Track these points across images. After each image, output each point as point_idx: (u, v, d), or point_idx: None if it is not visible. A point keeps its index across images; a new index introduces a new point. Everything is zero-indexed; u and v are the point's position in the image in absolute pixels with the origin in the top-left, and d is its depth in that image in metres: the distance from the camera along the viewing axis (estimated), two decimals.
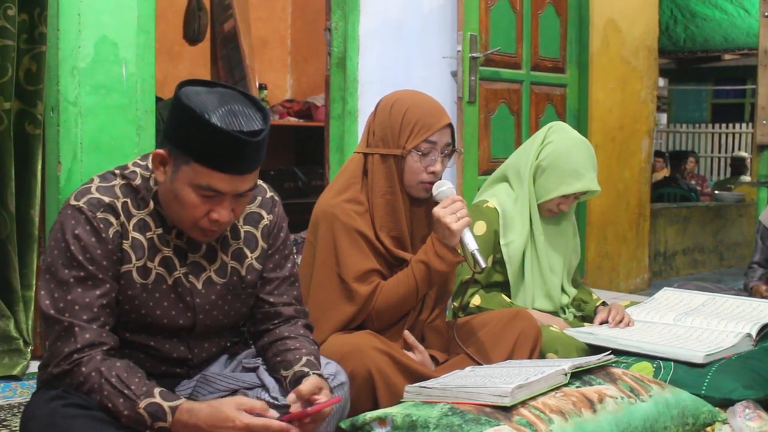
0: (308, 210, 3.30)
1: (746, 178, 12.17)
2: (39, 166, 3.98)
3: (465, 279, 3.64)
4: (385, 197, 3.19)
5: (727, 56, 14.65)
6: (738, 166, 13.21)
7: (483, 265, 3.07)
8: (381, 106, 3.28)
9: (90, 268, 2.35)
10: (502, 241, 3.75)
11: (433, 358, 3.26)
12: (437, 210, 3.10)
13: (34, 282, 4.00)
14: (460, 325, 3.36)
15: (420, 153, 3.15)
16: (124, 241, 2.41)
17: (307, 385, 2.40)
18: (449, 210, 3.08)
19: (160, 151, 2.37)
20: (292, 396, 2.38)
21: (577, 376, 2.95)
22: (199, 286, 2.53)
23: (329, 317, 3.11)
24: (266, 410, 2.30)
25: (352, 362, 2.87)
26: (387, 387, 2.93)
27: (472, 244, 3.08)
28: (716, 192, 11.25)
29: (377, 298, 3.13)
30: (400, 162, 3.18)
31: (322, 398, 2.40)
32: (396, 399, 2.90)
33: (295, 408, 2.37)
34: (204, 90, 2.36)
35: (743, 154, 13.74)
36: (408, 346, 3.20)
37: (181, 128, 2.31)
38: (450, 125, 3.22)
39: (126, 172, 2.48)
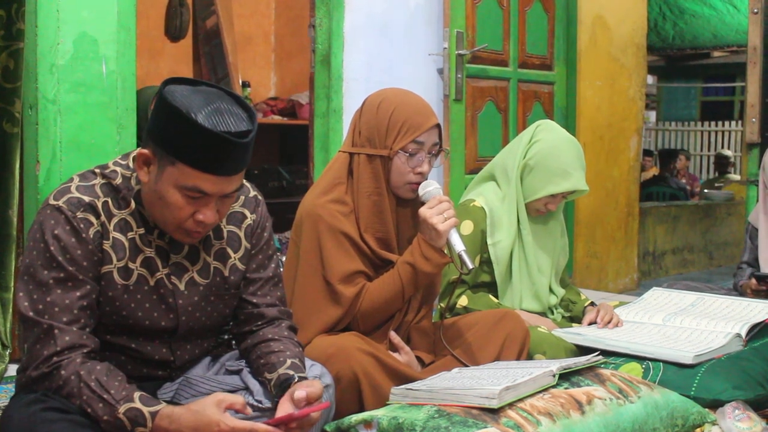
0: (293, 209, 3.28)
1: (734, 176, 12.18)
2: (17, 165, 3.93)
3: (452, 279, 3.62)
4: (371, 198, 3.16)
5: (716, 53, 14.71)
6: (722, 164, 13.22)
7: (470, 266, 3.04)
8: (367, 105, 3.25)
9: (70, 269, 2.33)
10: (489, 241, 3.73)
11: (419, 359, 3.23)
12: (423, 210, 3.08)
13: (12, 284, 3.95)
14: (447, 326, 3.34)
15: (407, 154, 3.13)
16: (104, 242, 2.40)
17: (315, 389, 2.39)
18: (436, 210, 3.06)
19: (144, 150, 2.36)
20: (301, 393, 2.35)
21: (566, 377, 2.93)
22: (182, 287, 2.52)
23: (314, 319, 3.08)
24: (244, 407, 2.30)
25: (338, 364, 2.85)
26: (373, 389, 2.91)
27: (459, 245, 3.06)
28: (705, 191, 11.26)
29: (363, 300, 3.10)
30: (387, 162, 3.15)
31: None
32: (382, 401, 2.88)
33: (282, 411, 2.35)
34: (189, 89, 2.35)
35: (727, 152, 13.75)
36: (394, 347, 3.17)
37: (167, 128, 2.29)
38: (438, 125, 3.19)
39: (106, 171, 2.46)
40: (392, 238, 3.20)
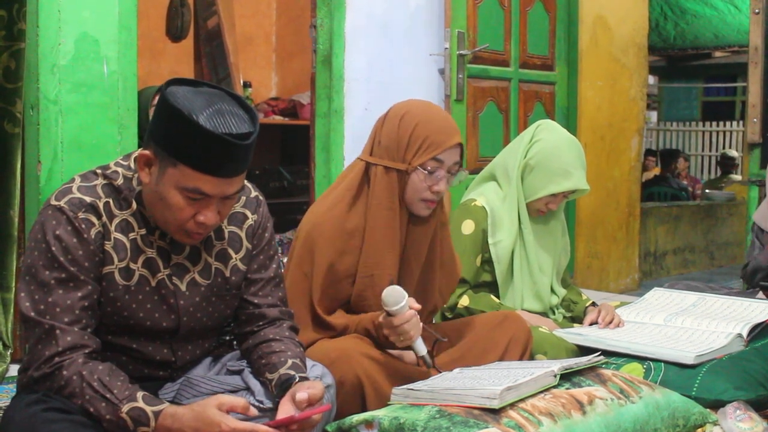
0: (294, 210, 3.27)
1: (736, 176, 12.16)
2: (18, 166, 3.93)
3: None
4: (382, 212, 3.09)
5: (717, 53, 14.69)
6: (727, 164, 13.20)
7: (430, 367, 2.99)
8: (391, 115, 3.17)
9: (71, 269, 2.33)
10: (490, 241, 3.73)
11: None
12: (385, 326, 2.94)
13: (13, 284, 3.96)
14: (449, 328, 3.32)
15: (426, 171, 3.06)
16: (106, 242, 2.39)
17: (316, 391, 2.38)
18: (394, 332, 2.92)
19: (146, 152, 2.36)
20: (303, 395, 2.34)
21: (567, 377, 2.92)
22: (183, 287, 2.51)
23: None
24: (247, 409, 2.29)
25: (341, 369, 2.82)
26: (376, 392, 2.88)
27: (420, 350, 2.97)
28: (707, 191, 11.25)
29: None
30: (404, 177, 3.09)
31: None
32: (385, 405, 2.85)
33: (283, 411, 2.35)
34: (191, 90, 2.34)
35: (732, 152, 13.72)
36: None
37: (168, 129, 2.29)
38: (460, 144, 3.12)
39: (108, 171, 2.46)
40: (395, 258, 3.13)
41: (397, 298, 2.89)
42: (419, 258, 3.20)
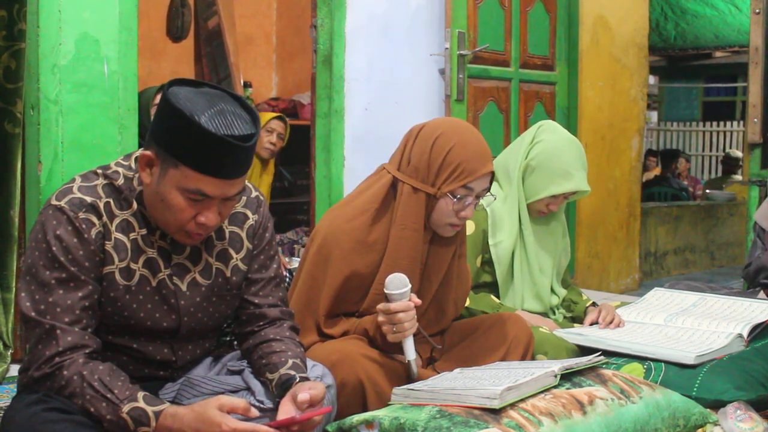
0: (294, 210, 3.26)
1: (737, 177, 12.14)
2: (19, 166, 3.93)
3: None
4: (407, 233, 3.05)
5: (717, 53, 14.65)
6: (730, 164, 13.17)
7: (414, 376, 2.97)
8: (423, 134, 3.10)
9: (72, 269, 2.33)
10: (490, 241, 3.72)
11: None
12: (381, 310, 2.90)
13: (14, 284, 3.95)
14: (450, 330, 3.32)
15: (455, 198, 3.02)
16: (106, 242, 2.39)
17: (318, 392, 2.37)
18: (390, 320, 2.89)
19: (147, 152, 2.35)
20: (304, 395, 2.33)
21: (567, 377, 2.92)
22: (184, 287, 2.51)
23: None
24: (248, 410, 2.28)
25: (343, 371, 2.80)
26: (377, 395, 2.87)
27: (410, 354, 2.95)
28: (707, 191, 11.23)
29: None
30: (432, 200, 3.04)
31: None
32: (386, 405, 2.85)
33: (284, 412, 2.35)
34: (192, 91, 2.34)
35: (736, 153, 13.69)
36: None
37: (170, 130, 2.29)
38: (492, 172, 3.08)
39: (108, 171, 2.46)
40: (414, 278, 3.04)
41: (399, 285, 2.87)
42: (438, 275, 3.18)
